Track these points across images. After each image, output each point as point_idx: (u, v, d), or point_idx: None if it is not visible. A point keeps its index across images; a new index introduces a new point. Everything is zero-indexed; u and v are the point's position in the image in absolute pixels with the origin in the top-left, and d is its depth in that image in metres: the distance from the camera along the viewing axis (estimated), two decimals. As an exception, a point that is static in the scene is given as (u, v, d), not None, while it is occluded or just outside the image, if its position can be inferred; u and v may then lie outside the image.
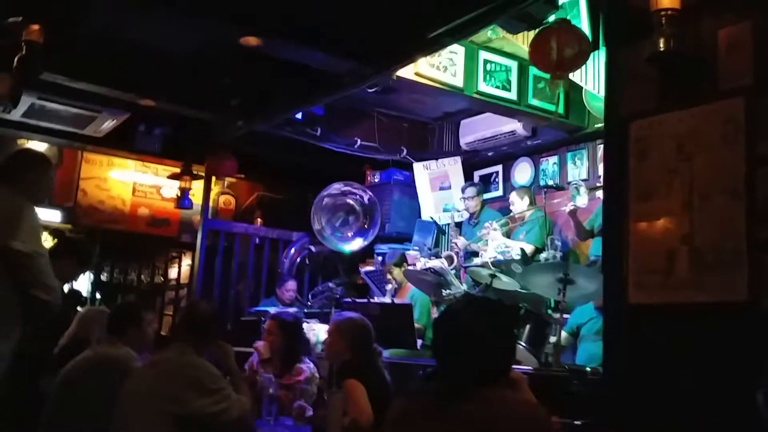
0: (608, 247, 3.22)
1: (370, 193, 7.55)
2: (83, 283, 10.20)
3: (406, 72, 5.67)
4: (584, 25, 5.13)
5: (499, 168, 7.63)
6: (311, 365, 4.32)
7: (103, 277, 9.96)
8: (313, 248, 8.16)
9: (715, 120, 2.78)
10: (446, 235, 7.61)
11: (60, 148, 8.64)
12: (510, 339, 2.20)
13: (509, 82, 6.27)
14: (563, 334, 5.20)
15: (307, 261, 8.27)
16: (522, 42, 5.39)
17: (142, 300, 9.43)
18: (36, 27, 4.53)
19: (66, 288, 9.68)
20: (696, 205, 2.79)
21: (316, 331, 5.54)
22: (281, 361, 4.29)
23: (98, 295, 9.84)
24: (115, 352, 3.65)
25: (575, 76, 5.33)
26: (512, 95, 6.29)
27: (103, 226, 9.08)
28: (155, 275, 10.17)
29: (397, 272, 6.46)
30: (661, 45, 2.85)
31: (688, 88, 2.91)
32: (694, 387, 2.65)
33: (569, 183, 6.31)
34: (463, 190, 7.07)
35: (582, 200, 5.59)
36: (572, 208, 5.66)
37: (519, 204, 6.52)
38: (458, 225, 7.37)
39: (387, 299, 6.17)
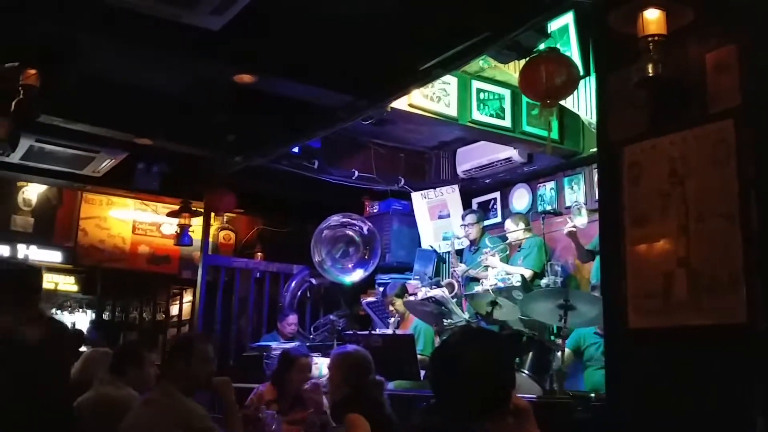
0: (606, 272, 3.22)
1: (370, 223, 7.56)
2: (84, 323, 10.21)
3: (401, 103, 5.71)
4: (574, 52, 5.16)
5: (497, 195, 7.65)
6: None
7: (105, 315, 9.95)
8: (313, 281, 8.15)
9: (706, 142, 2.79)
10: (447, 264, 7.60)
11: (59, 189, 8.70)
12: (507, 368, 2.18)
13: (503, 110, 6.30)
14: (567, 350, 5.14)
15: (308, 294, 8.27)
16: (514, 70, 5.41)
17: (144, 338, 9.43)
18: (32, 72, 4.60)
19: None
20: (691, 228, 2.78)
21: (319, 365, 5.52)
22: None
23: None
24: (117, 393, 3.65)
25: (568, 102, 5.37)
26: (506, 123, 6.32)
27: (104, 265, 9.10)
28: (157, 312, 10.16)
29: (398, 303, 6.42)
30: (650, 70, 2.87)
31: (678, 112, 2.92)
32: (694, 411, 2.64)
33: (567, 207, 6.32)
34: (463, 218, 7.07)
35: (582, 220, 5.60)
36: (571, 229, 5.67)
37: (514, 231, 6.52)
38: (459, 252, 7.37)
39: (389, 330, 6.14)
